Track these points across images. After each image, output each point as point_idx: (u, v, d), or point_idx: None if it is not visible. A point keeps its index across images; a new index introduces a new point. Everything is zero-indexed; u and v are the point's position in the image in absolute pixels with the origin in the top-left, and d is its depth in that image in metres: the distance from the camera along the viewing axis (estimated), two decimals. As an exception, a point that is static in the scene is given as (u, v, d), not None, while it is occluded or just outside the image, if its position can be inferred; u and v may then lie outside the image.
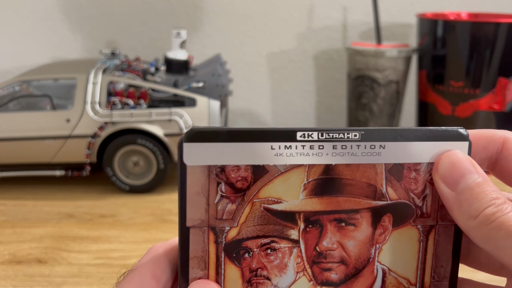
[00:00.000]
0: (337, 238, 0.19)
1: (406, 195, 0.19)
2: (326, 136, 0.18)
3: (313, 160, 0.18)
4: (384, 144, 0.19)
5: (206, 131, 0.18)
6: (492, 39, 0.55)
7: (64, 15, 0.75)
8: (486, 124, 0.58)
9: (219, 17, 0.76)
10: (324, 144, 0.18)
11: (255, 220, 0.19)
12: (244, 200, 0.19)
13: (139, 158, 0.54)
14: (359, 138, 0.18)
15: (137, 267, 0.20)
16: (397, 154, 0.19)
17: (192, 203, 0.18)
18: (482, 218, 0.18)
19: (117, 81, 0.55)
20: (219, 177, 0.18)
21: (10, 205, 0.53)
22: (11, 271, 0.41)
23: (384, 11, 0.73)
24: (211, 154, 0.18)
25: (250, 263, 0.19)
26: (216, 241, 0.19)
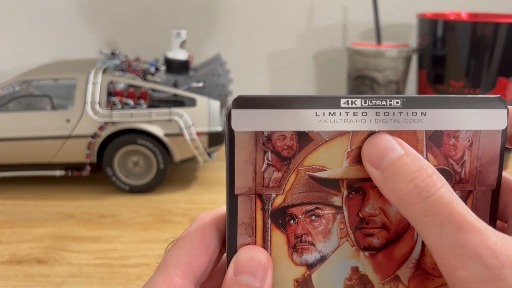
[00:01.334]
0: (379, 204, 0.20)
1: (445, 161, 0.20)
2: (369, 103, 0.19)
3: (356, 127, 0.19)
4: (426, 111, 0.19)
5: (254, 97, 0.18)
6: (492, 39, 0.55)
7: (64, 16, 0.75)
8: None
9: (219, 17, 0.76)
10: (367, 111, 0.19)
11: (300, 188, 0.20)
12: (289, 168, 0.19)
13: (139, 158, 0.54)
14: (401, 105, 0.19)
15: (186, 235, 0.20)
16: (438, 121, 0.19)
17: (240, 171, 0.19)
18: (404, 194, 0.17)
19: (117, 81, 0.55)
20: (265, 145, 0.19)
21: (10, 205, 0.53)
22: (11, 271, 0.41)
23: (384, 11, 0.73)
24: (258, 120, 0.19)
25: (295, 229, 0.20)
26: (263, 208, 0.20)
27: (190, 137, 0.53)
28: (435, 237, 0.17)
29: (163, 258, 0.20)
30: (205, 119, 0.53)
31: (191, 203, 0.53)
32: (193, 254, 0.19)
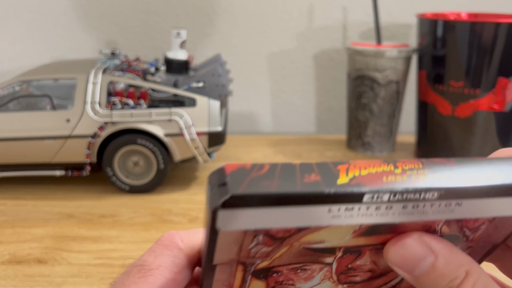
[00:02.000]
0: (372, 258, 0.19)
1: (459, 229, 0.18)
2: (399, 197, 0.15)
3: (376, 220, 0.16)
4: (461, 202, 0.16)
5: (251, 195, 0.14)
6: (492, 39, 0.55)
7: (64, 15, 0.75)
8: (486, 124, 0.58)
9: (219, 17, 0.76)
10: (394, 205, 0.16)
11: (291, 255, 0.18)
12: (282, 244, 0.17)
13: (139, 158, 0.54)
14: (437, 197, 0.16)
15: (158, 268, 0.18)
16: (472, 210, 0.16)
17: (222, 250, 0.16)
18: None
19: (117, 81, 0.55)
20: (257, 231, 0.16)
21: (10, 205, 0.53)
22: (11, 271, 0.41)
23: (384, 11, 0.73)
24: (252, 219, 0.15)
25: (277, 278, 0.19)
26: (244, 269, 0.18)
27: (190, 137, 0.53)
28: None
29: (125, 284, 0.17)
30: (205, 119, 0.53)
31: (191, 203, 0.53)
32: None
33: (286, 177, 0.15)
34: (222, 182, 0.14)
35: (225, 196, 0.14)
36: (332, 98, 0.80)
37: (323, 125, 0.81)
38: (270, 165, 0.15)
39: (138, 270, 0.17)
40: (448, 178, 0.16)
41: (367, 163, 0.15)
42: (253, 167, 0.15)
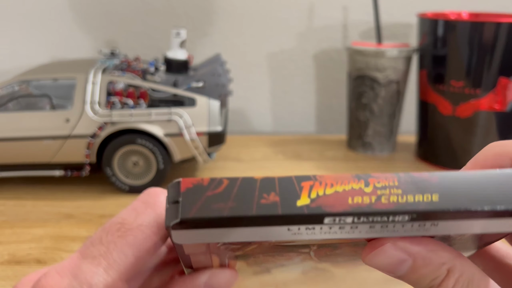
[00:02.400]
0: (352, 248, 0.18)
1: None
2: (364, 220, 0.14)
3: (341, 236, 0.15)
4: (438, 223, 0.15)
5: (199, 219, 0.14)
6: (492, 39, 0.55)
7: (63, 15, 0.75)
8: (487, 124, 0.58)
9: (219, 16, 0.76)
10: (359, 225, 0.15)
11: (264, 249, 0.17)
12: (250, 244, 0.16)
13: (138, 158, 0.54)
14: (408, 220, 0.15)
15: (138, 227, 0.17)
16: (450, 229, 0.16)
17: (190, 248, 0.16)
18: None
19: (116, 81, 0.55)
20: (225, 244, 0.16)
21: (9, 205, 0.53)
22: (10, 271, 0.41)
23: (385, 11, 0.73)
24: (207, 236, 0.15)
25: (256, 259, 0.19)
26: (219, 257, 0.18)
27: (190, 137, 0.53)
28: None
29: (103, 242, 0.16)
30: (205, 119, 0.53)
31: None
32: (141, 257, 0.17)
33: (242, 198, 0.14)
34: (176, 200, 0.14)
35: (175, 220, 0.14)
36: (333, 98, 0.80)
37: (323, 125, 0.81)
38: (228, 182, 0.14)
39: (117, 228, 0.16)
40: (424, 198, 0.14)
41: (336, 179, 0.14)
42: (210, 184, 0.14)
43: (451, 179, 0.15)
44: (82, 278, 0.15)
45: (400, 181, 0.15)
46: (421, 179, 0.15)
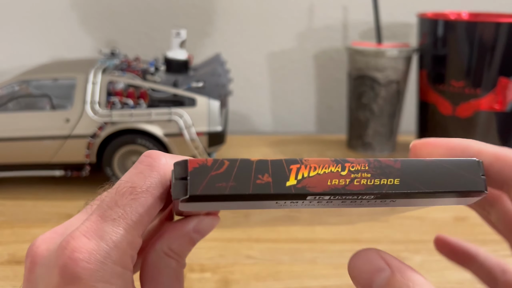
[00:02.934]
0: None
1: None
2: (338, 197, 0.18)
3: (317, 207, 0.19)
4: (396, 200, 0.18)
5: (206, 196, 0.17)
6: (492, 38, 0.55)
7: (63, 15, 0.75)
8: (487, 124, 0.58)
9: (219, 16, 0.76)
10: (334, 201, 0.18)
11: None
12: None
13: (138, 158, 0.54)
14: (373, 198, 0.18)
15: (147, 189, 0.19)
16: (407, 204, 0.19)
17: (188, 212, 0.19)
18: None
19: (116, 81, 0.55)
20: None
21: (9, 205, 0.53)
22: (10, 271, 0.41)
23: (385, 11, 0.73)
24: (208, 206, 0.18)
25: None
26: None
27: (190, 137, 0.53)
28: None
29: (119, 205, 0.18)
30: (205, 119, 0.53)
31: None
32: (152, 215, 0.19)
33: (241, 178, 0.17)
34: (183, 176, 0.17)
35: (184, 196, 0.17)
36: (333, 98, 0.80)
37: (323, 125, 0.81)
38: (229, 163, 0.17)
39: (130, 192, 0.18)
40: (388, 181, 0.18)
41: (318, 163, 0.17)
42: (213, 165, 0.17)
43: (411, 165, 0.18)
44: (107, 239, 0.18)
45: (370, 166, 0.17)
46: (386, 165, 0.18)
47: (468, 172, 0.18)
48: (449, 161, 0.18)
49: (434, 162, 0.18)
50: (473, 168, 0.18)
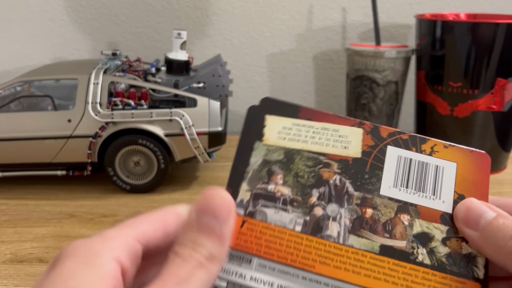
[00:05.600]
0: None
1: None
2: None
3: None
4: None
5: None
6: (490, 39, 0.56)
7: (65, 16, 0.76)
8: (485, 124, 0.59)
9: (220, 18, 0.76)
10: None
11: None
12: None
13: (140, 158, 0.55)
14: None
15: (149, 212, 0.21)
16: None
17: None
18: (510, 248, 0.20)
19: (118, 82, 0.55)
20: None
21: (11, 205, 0.53)
22: (12, 270, 0.41)
23: (383, 12, 0.74)
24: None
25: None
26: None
27: (191, 137, 0.53)
28: None
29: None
30: (206, 119, 0.53)
31: (192, 203, 0.54)
32: (151, 226, 0.20)
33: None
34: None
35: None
36: (332, 98, 0.80)
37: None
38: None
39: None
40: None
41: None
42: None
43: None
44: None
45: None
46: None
47: None
48: None
49: None
50: None
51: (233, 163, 0.24)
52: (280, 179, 0.23)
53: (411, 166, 0.24)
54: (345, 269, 0.21)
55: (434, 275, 0.21)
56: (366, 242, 0.22)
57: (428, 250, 0.22)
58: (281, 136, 0.24)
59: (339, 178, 0.23)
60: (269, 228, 0.22)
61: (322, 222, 0.22)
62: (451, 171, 0.24)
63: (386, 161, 0.24)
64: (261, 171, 0.23)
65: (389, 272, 0.21)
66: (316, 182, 0.23)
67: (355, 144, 0.24)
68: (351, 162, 0.24)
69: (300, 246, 0.21)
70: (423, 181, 0.23)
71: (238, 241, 0.21)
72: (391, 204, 0.23)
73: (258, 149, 0.24)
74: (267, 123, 0.24)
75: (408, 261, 0.22)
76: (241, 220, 0.22)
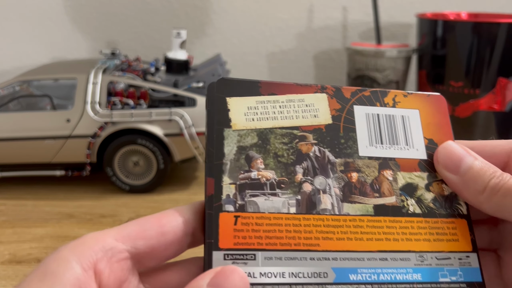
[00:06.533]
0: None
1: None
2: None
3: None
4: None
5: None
6: (492, 39, 0.55)
7: (64, 16, 0.76)
8: (486, 124, 0.58)
9: (219, 17, 0.76)
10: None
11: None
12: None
13: (139, 158, 0.54)
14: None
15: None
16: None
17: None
18: (489, 190, 0.21)
19: (117, 81, 0.55)
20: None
21: (10, 205, 0.53)
22: (11, 271, 0.41)
23: (384, 11, 0.73)
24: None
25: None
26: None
27: (190, 137, 0.53)
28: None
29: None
30: (205, 119, 0.53)
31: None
32: (141, 226, 0.20)
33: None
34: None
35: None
36: (332, 98, 0.80)
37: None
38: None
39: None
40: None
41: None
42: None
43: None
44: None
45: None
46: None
47: None
48: None
49: None
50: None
51: (207, 158, 0.22)
52: (261, 164, 0.22)
53: (380, 121, 0.24)
54: (348, 239, 0.21)
55: (427, 222, 0.22)
56: (360, 206, 0.22)
57: (416, 200, 0.23)
58: (249, 118, 0.23)
59: (318, 149, 0.23)
60: (264, 218, 0.21)
61: (313, 197, 0.22)
62: (415, 118, 0.24)
63: (356, 121, 0.24)
64: (239, 160, 0.22)
65: (388, 230, 0.22)
66: (297, 158, 0.23)
67: (323, 110, 0.24)
68: (325, 130, 0.23)
69: (300, 228, 0.21)
70: (395, 134, 0.24)
71: (236, 239, 0.20)
72: (372, 163, 0.23)
73: (229, 137, 0.23)
74: (231, 107, 0.23)
75: (402, 215, 0.22)
76: (233, 216, 0.21)
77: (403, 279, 0.21)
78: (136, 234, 0.20)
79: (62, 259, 0.18)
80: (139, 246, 0.20)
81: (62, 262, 0.18)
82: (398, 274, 0.21)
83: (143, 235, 0.20)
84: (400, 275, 0.21)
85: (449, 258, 0.22)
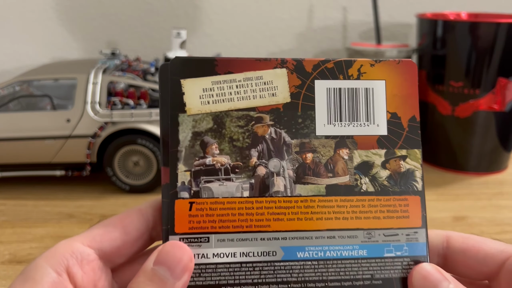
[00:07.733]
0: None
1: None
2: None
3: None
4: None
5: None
6: (492, 39, 0.55)
7: (64, 15, 0.76)
8: (486, 124, 0.58)
9: (219, 17, 0.76)
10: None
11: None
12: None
13: (139, 158, 0.54)
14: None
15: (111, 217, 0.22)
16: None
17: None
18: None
19: (117, 81, 0.55)
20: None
21: (10, 205, 0.53)
22: (11, 271, 0.41)
23: (384, 11, 0.73)
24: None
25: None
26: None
27: (190, 137, 0.53)
28: None
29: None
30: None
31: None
32: (105, 229, 0.21)
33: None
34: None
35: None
36: (332, 98, 0.80)
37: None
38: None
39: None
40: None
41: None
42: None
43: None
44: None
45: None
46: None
47: None
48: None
49: None
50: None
51: (161, 146, 0.22)
52: (216, 149, 0.22)
53: (341, 96, 0.23)
54: (298, 219, 0.22)
55: (379, 200, 0.23)
56: (312, 187, 0.22)
57: (370, 178, 0.23)
58: (204, 101, 0.22)
59: (274, 130, 0.23)
60: (217, 202, 0.22)
61: (267, 180, 0.22)
62: (380, 90, 0.23)
63: (316, 98, 0.23)
64: (193, 146, 0.22)
65: (338, 210, 0.22)
66: (253, 141, 0.23)
67: (282, 88, 0.23)
68: (282, 109, 0.23)
69: (252, 211, 0.22)
70: (355, 109, 0.23)
71: (191, 224, 0.22)
72: (328, 143, 0.23)
73: (184, 123, 0.22)
74: (185, 89, 0.22)
75: (354, 194, 0.23)
76: (188, 203, 0.22)
77: (348, 255, 0.22)
78: (101, 237, 0.21)
79: (38, 267, 0.20)
80: (105, 248, 0.21)
81: (39, 269, 0.20)
82: (345, 250, 0.22)
83: (107, 237, 0.21)
84: (346, 251, 0.22)
85: (396, 234, 0.22)
